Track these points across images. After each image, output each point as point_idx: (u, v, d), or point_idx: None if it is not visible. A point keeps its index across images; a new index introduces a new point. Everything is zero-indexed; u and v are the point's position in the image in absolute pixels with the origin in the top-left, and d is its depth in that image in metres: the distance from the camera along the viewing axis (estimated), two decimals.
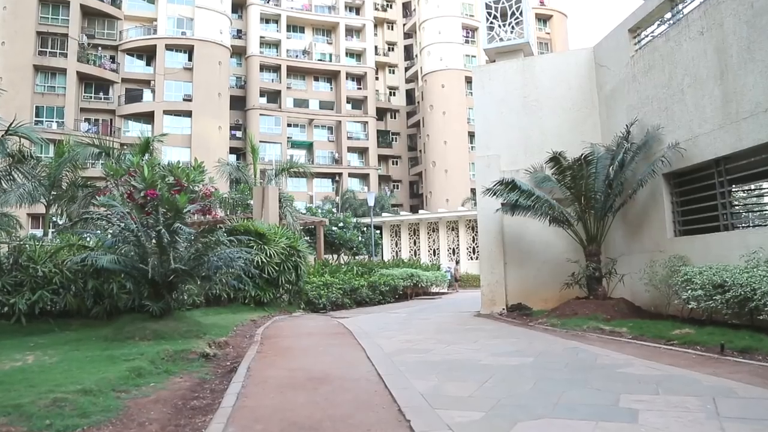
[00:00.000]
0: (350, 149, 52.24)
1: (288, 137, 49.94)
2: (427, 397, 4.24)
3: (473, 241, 33.78)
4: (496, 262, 11.78)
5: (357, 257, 28.57)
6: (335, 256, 29.74)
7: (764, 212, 10.08)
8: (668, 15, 9.82)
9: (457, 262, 31.28)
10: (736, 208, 9.38)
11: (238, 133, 47.48)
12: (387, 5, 57.86)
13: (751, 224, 9.27)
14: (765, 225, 9.05)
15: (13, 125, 12.20)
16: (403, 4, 58.50)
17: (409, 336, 8.19)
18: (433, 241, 36.28)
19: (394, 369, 5.46)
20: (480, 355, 6.16)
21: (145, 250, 7.68)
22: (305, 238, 19.11)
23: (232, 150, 45.37)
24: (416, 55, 55.68)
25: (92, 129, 37.61)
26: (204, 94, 41.90)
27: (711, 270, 7.13)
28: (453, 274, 28.88)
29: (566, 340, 7.24)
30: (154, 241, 7.74)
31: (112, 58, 41.76)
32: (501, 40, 12.99)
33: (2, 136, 12.31)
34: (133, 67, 42.94)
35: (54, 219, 18.44)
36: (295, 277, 12.87)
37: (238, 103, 48.43)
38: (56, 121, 37.19)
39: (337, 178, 51.39)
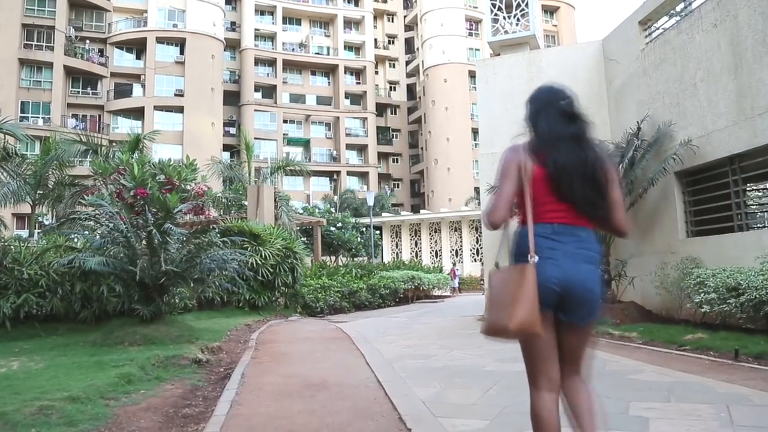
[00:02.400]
0: (349, 146, 52.27)
1: (284, 134, 49.97)
2: (428, 405, 4.24)
3: (477, 242, 33.80)
4: (500, 264, 11.77)
5: (356, 259, 28.59)
6: (333, 258, 29.76)
7: None
8: (680, 6, 9.83)
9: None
10: (751, 207, 9.39)
11: (232, 130, 47.49)
12: None
13: (766, 224, 9.27)
14: None
15: None
16: None
17: (410, 341, 8.20)
18: (435, 242, 36.30)
19: (394, 375, 5.46)
20: (484, 360, 6.16)
21: (134, 252, 7.68)
22: (302, 238, 19.12)
23: (226, 147, 45.39)
24: (417, 49, 55.71)
25: (80, 125, 37.59)
26: (196, 89, 41.92)
27: (725, 272, 7.14)
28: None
29: None
30: (144, 242, 7.74)
31: (101, 52, 41.78)
32: (506, 32, 12.99)
33: None
34: (123, 60, 42.97)
35: (40, 219, 18.46)
36: (291, 280, 12.88)
37: (232, 98, 48.44)
38: (42, 117, 37.21)
39: (335, 176, 51.42)
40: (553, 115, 2.27)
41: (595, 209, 2.21)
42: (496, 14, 13.08)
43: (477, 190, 32.12)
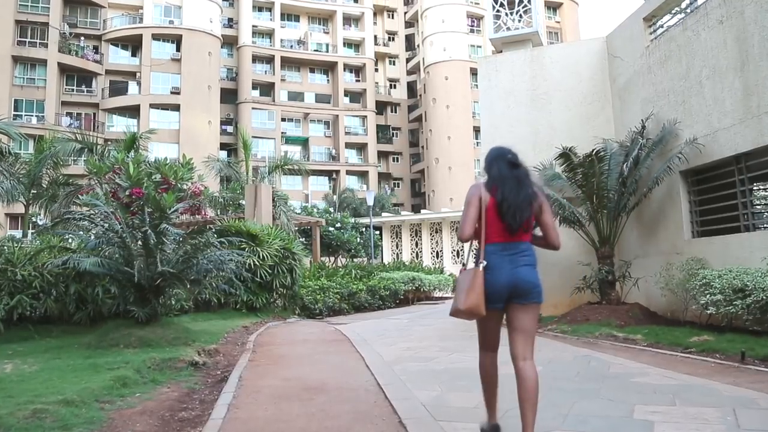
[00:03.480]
0: (348, 145, 52.25)
1: (282, 132, 49.94)
2: (429, 408, 4.25)
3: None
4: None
5: (355, 260, 28.59)
6: (332, 259, 29.76)
7: None
8: (685, 2, 9.82)
9: None
10: (758, 207, 9.38)
11: (229, 128, 47.50)
12: None
13: None
14: None
15: None
16: None
17: (411, 343, 8.19)
18: (436, 242, 36.29)
19: (394, 378, 5.46)
20: None
21: (130, 253, 7.68)
22: (300, 239, 19.14)
23: (223, 146, 45.40)
24: (418, 46, 55.70)
25: (74, 124, 37.62)
26: (193, 87, 41.91)
27: (731, 273, 7.13)
28: None
29: (577, 348, 7.25)
30: (140, 242, 7.74)
31: (96, 49, 41.78)
32: (508, 29, 12.98)
33: None
34: (118, 58, 42.98)
35: (34, 219, 18.45)
36: (289, 281, 12.87)
37: (229, 96, 48.44)
38: (36, 115, 37.21)
39: (334, 175, 51.41)
40: (502, 163, 3.32)
41: (526, 227, 3.25)
42: (498, 10, 13.07)
43: None
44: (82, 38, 41.15)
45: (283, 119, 50.49)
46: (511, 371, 3.21)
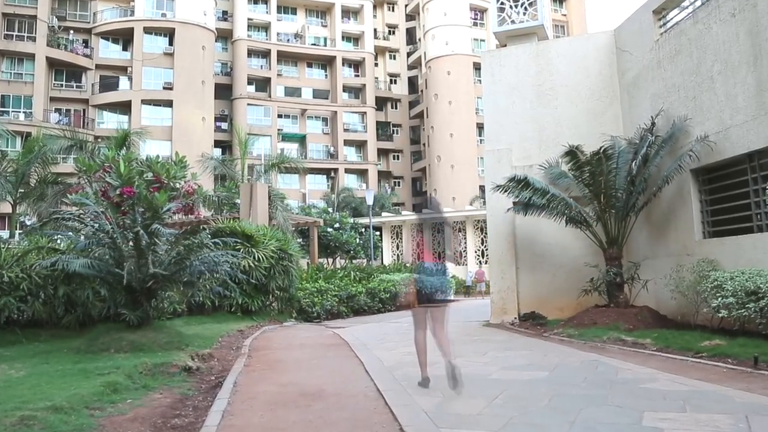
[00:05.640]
0: (347, 142, 52.23)
1: (278, 129, 49.91)
2: (431, 415, 4.25)
3: (482, 243, 33.79)
4: (507, 266, 11.78)
5: (354, 261, 28.59)
6: (330, 260, 29.77)
7: None
8: None
9: None
10: None
11: (224, 125, 47.45)
12: None
13: None
14: None
15: None
16: None
17: (411, 348, 8.08)
18: (438, 243, 36.28)
19: (394, 384, 5.47)
20: (490, 368, 6.16)
21: (121, 254, 7.68)
22: (298, 240, 19.14)
23: (218, 143, 45.37)
24: (419, 39, 55.67)
25: (63, 120, 37.62)
26: (186, 82, 41.87)
27: (743, 275, 7.14)
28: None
29: (584, 353, 7.25)
30: (131, 243, 7.74)
31: (85, 43, 41.74)
32: (513, 22, 12.99)
33: None
34: (108, 52, 42.91)
35: (21, 219, 18.47)
36: (286, 283, 12.88)
37: (224, 91, 48.39)
38: (24, 112, 37.20)
39: (332, 174, 51.39)
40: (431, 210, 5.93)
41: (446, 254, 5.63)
42: (502, 3, 13.07)
43: (482, 188, 32.09)
44: (72, 32, 41.11)
45: (279, 115, 50.44)
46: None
